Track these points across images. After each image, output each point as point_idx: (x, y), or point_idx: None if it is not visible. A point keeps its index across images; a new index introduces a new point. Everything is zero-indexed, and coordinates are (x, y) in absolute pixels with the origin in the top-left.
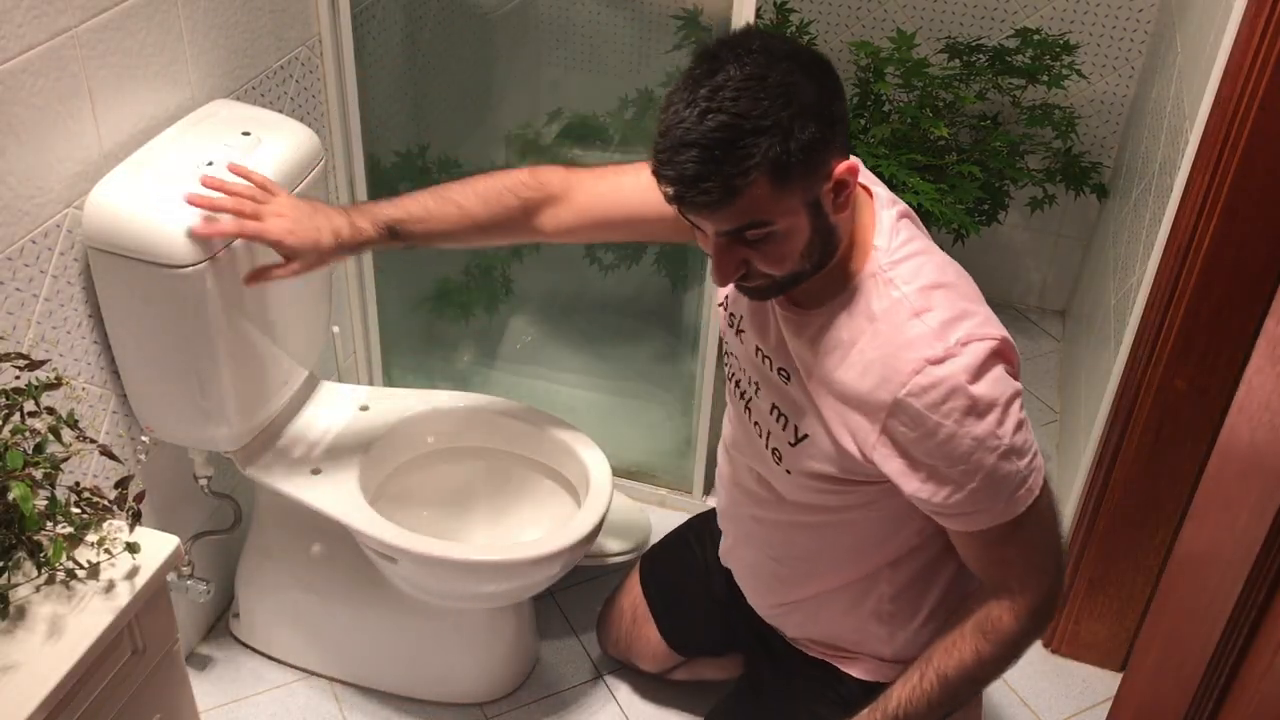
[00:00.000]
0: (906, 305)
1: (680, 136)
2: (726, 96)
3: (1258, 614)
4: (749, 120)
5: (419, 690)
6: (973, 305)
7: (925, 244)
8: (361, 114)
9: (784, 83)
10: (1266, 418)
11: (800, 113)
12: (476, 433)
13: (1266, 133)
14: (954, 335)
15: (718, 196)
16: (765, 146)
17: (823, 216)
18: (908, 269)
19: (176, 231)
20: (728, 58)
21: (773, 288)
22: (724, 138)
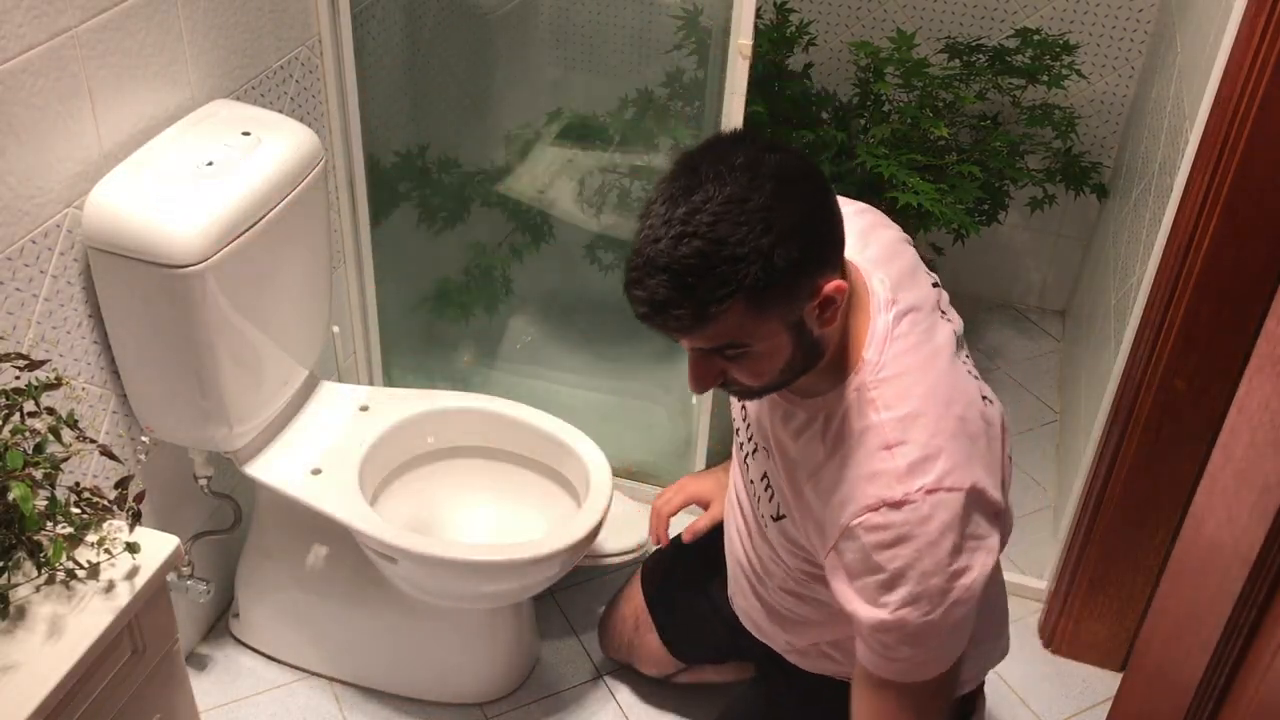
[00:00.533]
0: (881, 435)
1: (653, 258)
2: (704, 220)
3: (1258, 614)
4: (726, 247)
5: (419, 690)
6: (953, 442)
7: (922, 354)
8: (361, 114)
9: (766, 206)
10: (1266, 418)
11: (781, 239)
12: (476, 433)
13: (1266, 133)
14: (919, 481)
15: (689, 323)
16: (742, 274)
17: (805, 334)
18: (893, 391)
19: (176, 231)
20: (708, 174)
21: (754, 394)
22: (699, 265)
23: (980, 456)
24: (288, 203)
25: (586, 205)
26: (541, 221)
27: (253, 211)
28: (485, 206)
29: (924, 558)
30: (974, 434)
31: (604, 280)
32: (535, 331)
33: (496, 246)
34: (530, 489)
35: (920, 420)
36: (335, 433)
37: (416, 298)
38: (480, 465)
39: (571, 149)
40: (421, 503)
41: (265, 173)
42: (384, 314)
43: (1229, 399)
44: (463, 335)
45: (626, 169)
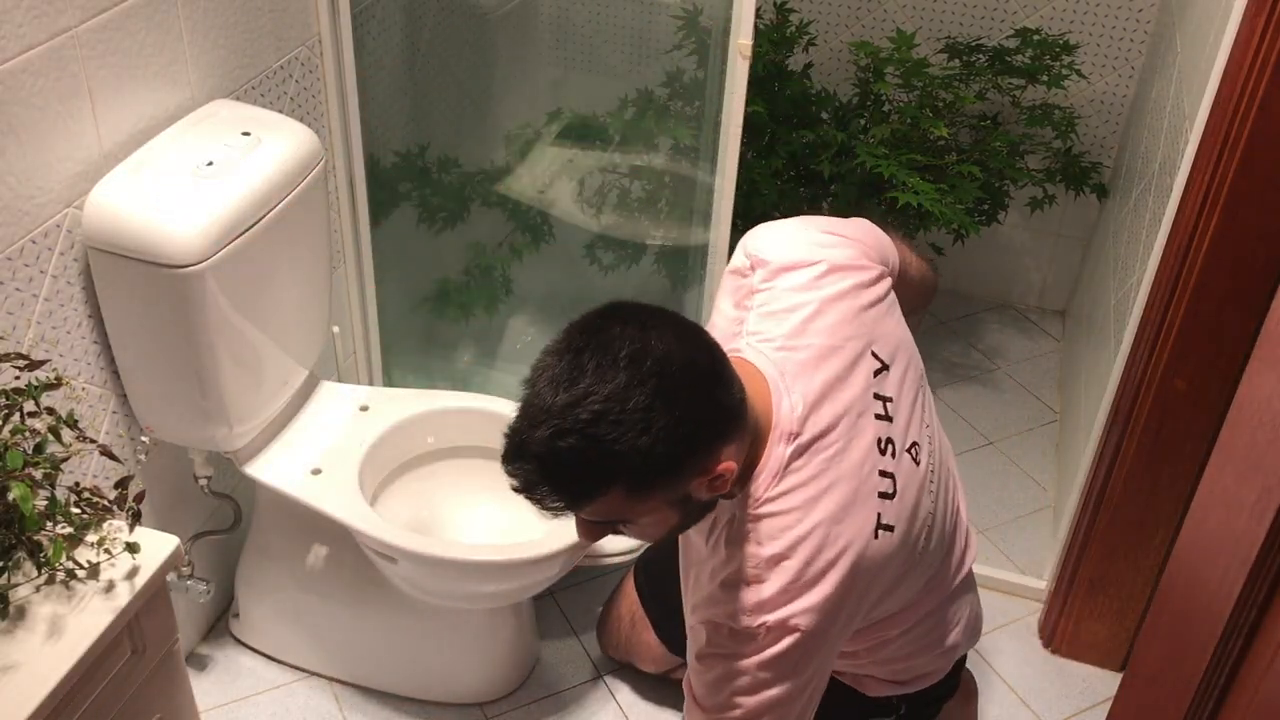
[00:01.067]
0: (747, 568)
1: (526, 443)
2: (582, 418)
3: (1258, 614)
4: (603, 445)
5: (419, 690)
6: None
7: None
8: (361, 114)
9: (646, 406)
10: (1266, 418)
11: (662, 436)
12: (476, 433)
13: (1266, 133)
14: (764, 617)
15: (563, 508)
16: (618, 470)
17: (693, 504)
18: (768, 528)
19: (176, 231)
20: (591, 364)
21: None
22: (574, 460)
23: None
24: (288, 203)
25: (586, 205)
26: (541, 221)
27: (253, 211)
28: (485, 206)
29: (742, 677)
30: (839, 580)
31: (604, 280)
32: (535, 331)
33: (496, 246)
34: None
35: (784, 564)
36: (335, 433)
37: (416, 298)
38: (480, 465)
39: (571, 149)
40: (421, 503)
41: (265, 173)
42: (384, 314)
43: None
44: (463, 335)
45: (626, 169)
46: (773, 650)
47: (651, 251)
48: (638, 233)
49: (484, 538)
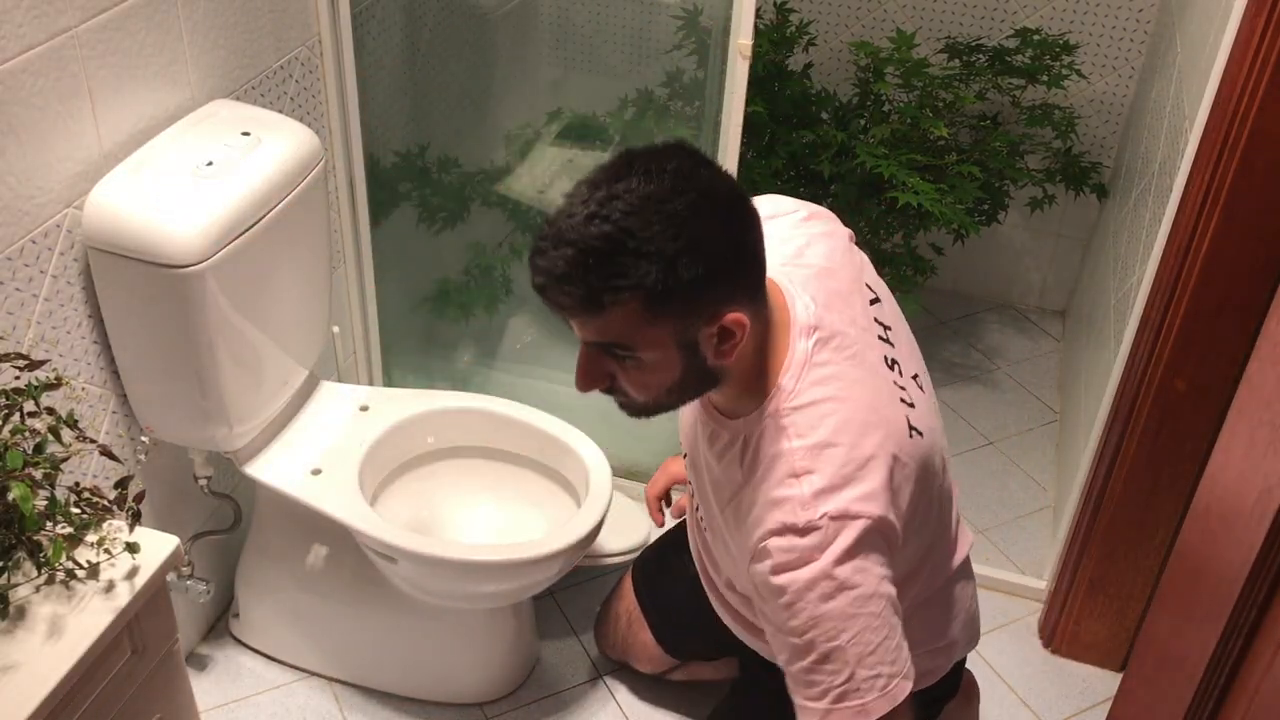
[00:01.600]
0: (790, 462)
1: (562, 231)
2: (619, 208)
3: (1258, 614)
4: (633, 240)
5: (419, 690)
6: (862, 473)
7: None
8: (361, 114)
9: (683, 213)
10: (1266, 417)
11: (690, 249)
12: (476, 433)
13: (1266, 133)
14: (824, 507)
15: (578, 303)
16: (643, 272)
17: (698, 359)
18: (806, 419)
19: (176, 231)
20: (638, 168)
21: (640, 409)
22: (602, 248)
23: (890, 490)
24: (288, 203)
25: None
26: (541, 221)
27: (253, 211)
28: (485, 206)
29: (822, 582)
30: (887, 468)
31: None
32: (535, 331)
33: (496, 246)
34: (530, 489)
35: (830, 450)
36: (335, 433)
37: (416, 298)
38: (480, 465)
39: (571, 149)
40: (421, 503)
41: (265, 173)
42: (384, 314)
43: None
44: (463, 335)
45: None
46: (841, 542)
47: None
48: None
49: (484, 538)
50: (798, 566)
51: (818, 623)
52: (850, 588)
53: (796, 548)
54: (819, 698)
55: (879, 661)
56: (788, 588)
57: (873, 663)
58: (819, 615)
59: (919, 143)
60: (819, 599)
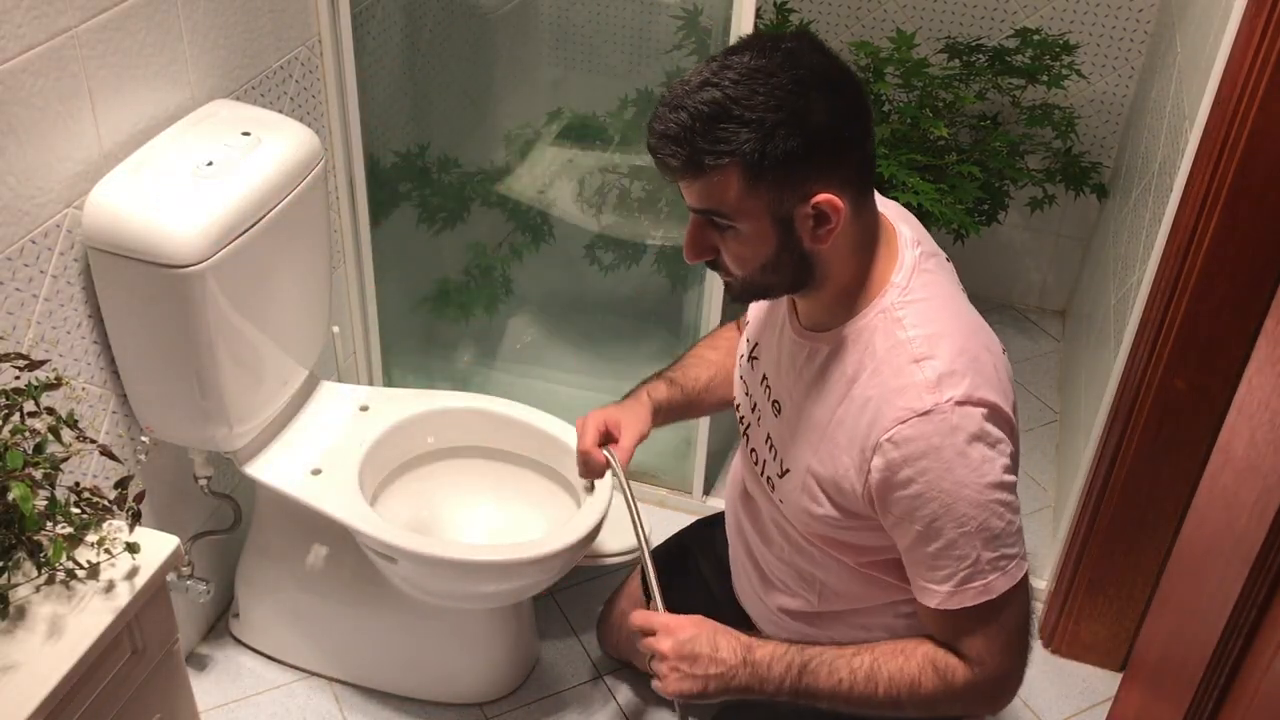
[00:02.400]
0: (909, 350)
1: (677, 97)
2: (729, 77)
3: (1258, 614)
4: (737, 107)
5: (419, 690)
6: (976, 364)
7: (948, 290)
8: (361, 114)
9: (788, 87)
10: (1266, 417)
11: (790, 121)
12: (476, 433)
13: (1266, 133)
14: (949, 392)
15: (682, 164)
16: (743, 139)
17: (794, 238)
18: (919, 312)
19: (176, 231)
20: (755, 46)
21: (739, 288)
22: (708, 113)
23: (1000, 384)
24: (288, 203)
25: (586, 205)
26: (541, 221)
27: (253, 211)
28: (485, 206)
29: (955, 468)
30: (995, 364)
31: (604, 280)
32: (535, 331)
33: (496, 246)
34: (530, 489)
35: (946, 339)
36: (335, 433)
37: (416, 298)
38: (480, 465)
39: (571, 149)
40: (421, 503)
41: (265, 173)
42: (384, 314)
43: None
44: (463, 335)
45: (626, 169)
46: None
47: (651, 251)
48: (638, 233)
49: (483, 538)
50: (926, 454)
51: (948, 510)
52: (979, 474)
53: (924, 434)
54: (943, 581)
55: (1003, 545)
56: (916, 478)
57: (997, 546)
58: (949, 503)
59: (919, 143)
60: (949, 486)
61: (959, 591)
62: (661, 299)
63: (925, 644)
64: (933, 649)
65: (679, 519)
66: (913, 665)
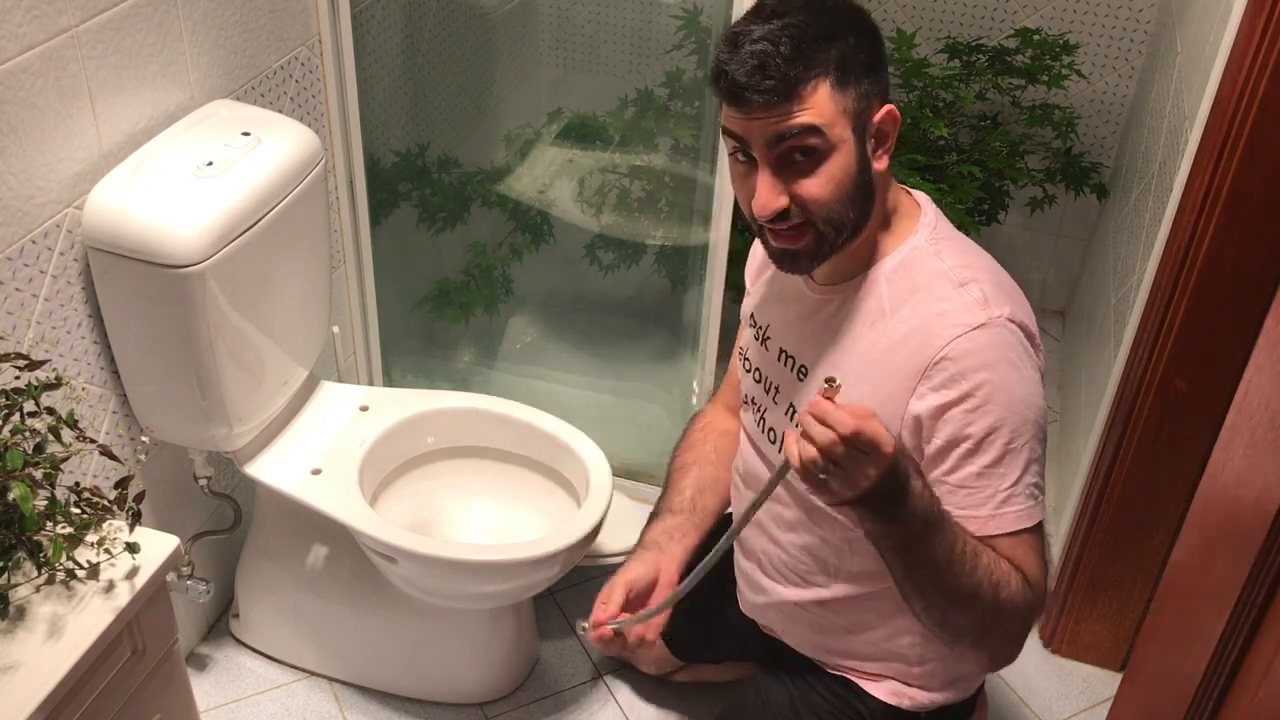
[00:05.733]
0: (952, 276)
1: (749, 36)
2: (794, 6)
3: (1258, 614)
4: (814, 27)
5: (419, 690)
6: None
7: (969, 239)
8: (361, 114)
9: (844, 8)
10: (1266, 418)
11: (858, 33)
12: (476, 433)
13: (1266, 133)
14: (998, 310)
15: (776, 89)
16: (830, 50)
17: (865, 152)
18: (952, 248)
19: (176, 231)
20: None
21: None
22: (793, 36)
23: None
24: (288, 203)
25: (586, 205)
26: (541, 221)
27: (252, 212)
28: (485, 206)
29: (1012, 380)
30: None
31: (604, 280)
32: (535, 331)
33: (496, 246)
34: (530, 489)
35: (984, 269)
36: (335, 433)
37: (416, 298)
38: (480, 465)
39: (571, 149)
40: (421, 503)
41: (265, 173)
42: (384, 314)
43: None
44: (463, 335)
45: (626, 169)
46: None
47: (651, 251)
48: (638, 233)
49: (484, 538)
50: (986, 366)
51: (1003, 422)
52: (1030, 389)
53: (982, 346)
54: (983, 504)
55: (1039, 472)
56: (975, 390)
57: (1036, 470)
58: (1004, 415)
59: (919, 143)
60: (1005, 399)
61: (998, 515)
62: (661, 299)
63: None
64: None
65: None
66: (1003, 565)
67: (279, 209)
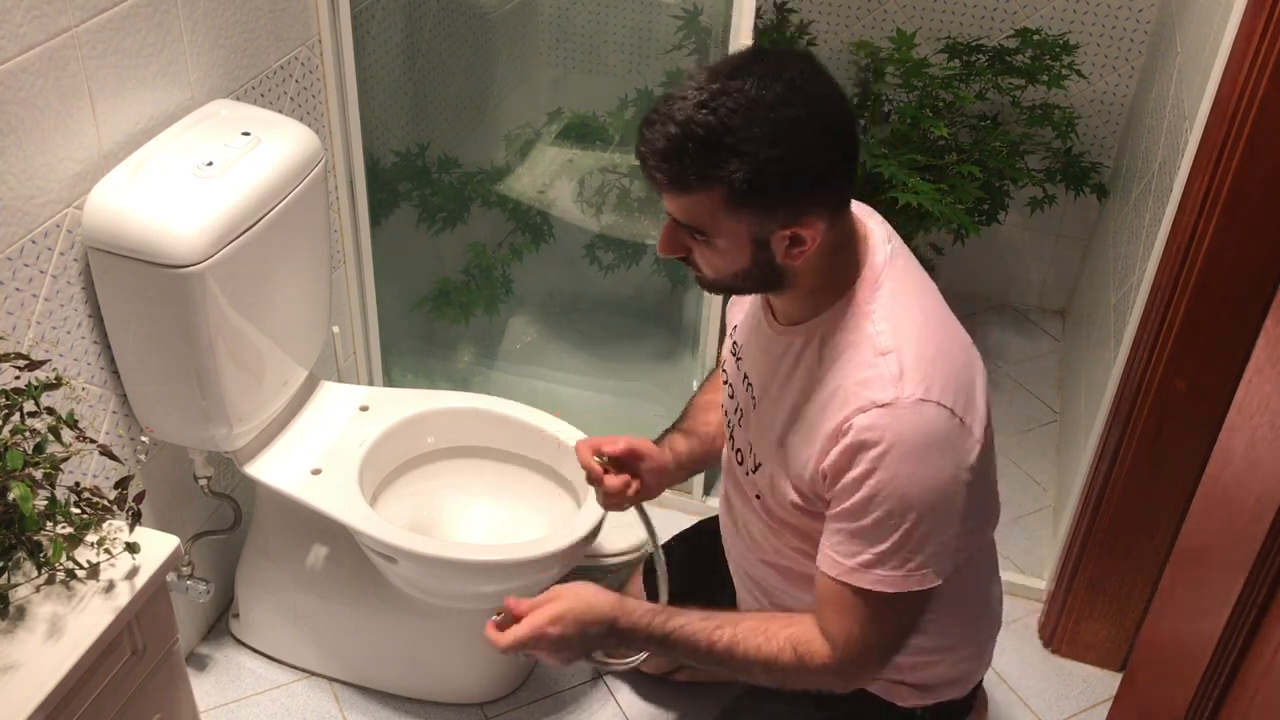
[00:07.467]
0: (874, 343)
1: (671, 111)
2: (727, 104)
3: (1258, 614)
4: (731, 136)
5: (419, 690)
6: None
7: (918, 286)
8: (361, 114)
9: (786, 123)
10: (1266, 418)
11: (783, 158)
12: (476, 433)
13: (1266, 133)
14: (910, 388)
15: (668, 181)
16: (733, 169)
17: (768, 255)
18: (888, 306)
19: (176, 231)
20: (756, 70)
21: (709, 285)
22: (702, 137)
23: (967, 384)
24: (287, 203)
25: (586, 205)
26: (541, 221)
27: (252, 212)
28: (485, 206)
29: (906, 462)
30: (963, 362)
31: (604, 280)
32: (535, 331)
33: (496, 246)
34: (530, 489)
35: (914, 334)
36: (335, 433)
37: (416, 298)
38: (480, 465)
39: (571, 149)
40: (421, 503)
41: (265, 173)
42: (384, 314)
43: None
44: (463, 335)
45: (626, 169)
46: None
47: (651, 251)
48: (638, 233)
49: (483, 538)
50: (881, 444)
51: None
52: (924, 474)
53: (882, 425)
54: (851, 556)
55: (920, 551)
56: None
57: (915, 549)
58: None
59: (919, 143)
60: (894, 478)
61: (859, 571)
62: (661, 299)
63: (793, 626)
64: (798, 632)
65: (679, 518)
66: (772, 646)
67: (279, 209)
